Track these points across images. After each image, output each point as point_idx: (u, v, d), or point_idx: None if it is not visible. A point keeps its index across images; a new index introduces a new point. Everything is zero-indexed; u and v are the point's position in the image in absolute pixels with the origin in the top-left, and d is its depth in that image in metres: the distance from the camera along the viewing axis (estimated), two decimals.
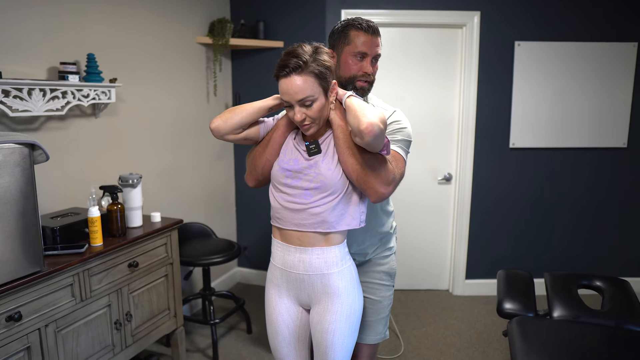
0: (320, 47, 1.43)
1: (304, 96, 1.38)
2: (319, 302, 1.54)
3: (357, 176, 1.44)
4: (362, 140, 1.34)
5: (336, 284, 1.51)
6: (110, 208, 2.14)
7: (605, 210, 3.58)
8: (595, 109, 3.42)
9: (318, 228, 1.48)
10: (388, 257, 1.84)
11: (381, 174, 1.44)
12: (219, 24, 3.24)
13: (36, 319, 1.72)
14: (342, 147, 1.45)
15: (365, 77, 1.62)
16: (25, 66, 2.09)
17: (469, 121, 3.44)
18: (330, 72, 1.43)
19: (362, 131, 1.31)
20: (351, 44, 1.60)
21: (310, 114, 1.41)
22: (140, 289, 2.24)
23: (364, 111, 1.35)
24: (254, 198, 3.74)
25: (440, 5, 3.30)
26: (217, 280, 3.61)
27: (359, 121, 1.32)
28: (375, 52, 1.62)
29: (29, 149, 1.66)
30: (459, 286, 3.67)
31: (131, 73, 2.67)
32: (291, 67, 1.36)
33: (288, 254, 1.54)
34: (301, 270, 1.52)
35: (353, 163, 1.43)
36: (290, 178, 1.50)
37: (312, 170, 1.47)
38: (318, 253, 1.50)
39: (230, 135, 1.54)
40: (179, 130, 3.13)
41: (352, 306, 1.53)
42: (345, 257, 1.56)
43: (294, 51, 1.39)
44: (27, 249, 1.67)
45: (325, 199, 1.47)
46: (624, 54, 3.35)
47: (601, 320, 2.04)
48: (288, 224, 1.52)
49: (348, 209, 1.50)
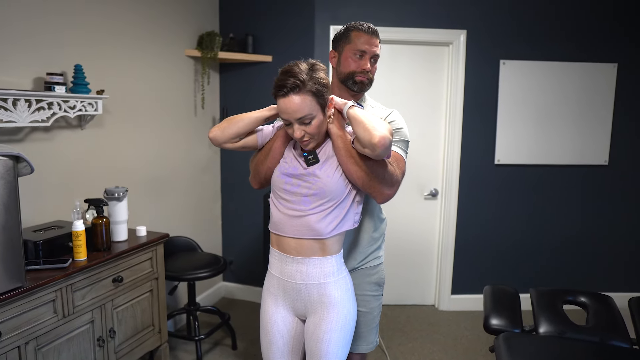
0: (316, 64, 1.46)
1: (303, 115, 1.41)
2: (314, 312, 1.55)
3: (363, 182, 1.49)
4: (373, 152, 1.38)
5: (332, 293, 1.53)
6: (95, 222, 2.10)
7: (589, 226, 3.64)
8: (577, 126, 3.50)
9: (315, 235, 1.50)
10: (377, 267, 1.85)
11: (385, 177, 1.50)
12: (208, 37, 3.25)
13: (16, 336, 1.67)
14: (344, 156, 1.48)
15: (364, 74, 1.69)
16: (10, 76, 2.05)
17: (454, 137, 3.48)
18: (327, 89, 1.45)
19: (375, 144, 1.34)
20: (352, 43, 1.69)
21: (309, 130, 1.44)
22: (125, 305, 2.19)
23: (373, 124, 1.38)
24: (240, 212, 3.71)
25: (428, 23, 3.36)
26: (201, 295, 3.55)
27: (371, 135, 1.35)
28: (374, 52, 1.71)
29: (13, 161, 1.63)
30: (445, 301, 3.68)
31: (118, 85, 2.65)
32: (289, 87, 1.38)
33: (285, 264, 1.55)
34: (298, 280, 1.53)
35: (357, 170, 1.47)
36: (289, 184, 1.52)
37: (311, 177, 1.50)
38: (315, 263, 1.52)
39: (228, 144, 1.60)
40: (165, 144, 3.10)
41: (347, 316, 1.55)
42: (342, 267, 1.58)
43: (290, 70, 1.41)
44: (8, 263, 1.62)
45: (323, 206, 1.49)
46: (605, 74, 3.44)
47: (586, 336, 2.06)
48: (286, 231, 1.53)
49: (345, 213, 1.53)
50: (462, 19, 3.36)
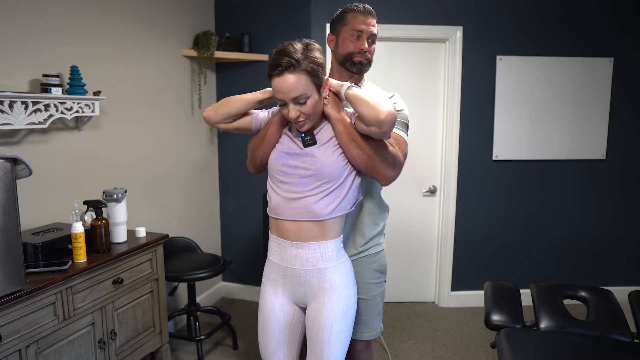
0: (311, 43, 1.45)
1: (298, 94, 1.40)
2: (315, 298, 1.53)
3: (366, 165, 1.49)
4: (381, 129, 1.37)
5: (332, 278, 1.52)
6: (95, 223, 2.09)
7: (587, 220, 3.65)
8: (574, 121, 3.51)
9: (314, 217, 1.49)
10: (378, 254, 1.85)
11: (388, 159, 1.51)
12: (204, 37, 3.23)
13: (17, 339, 1.66)
14: (346, 140, 1.47)
15: (362, 54, 1.69)
16: (6, 78, 2.04)
17: (452, 134, 3.48)
18: (322, 69, 1.45)
19: (382, 121, 1.34)
20: (348, 24, 1.70)
21: (304, 110, 1.43)
22: (125, 306, 2.18)
23: (377, 100, 1.38)
24: (238, 211, 3.71)
25: (424, 20, 3.35)
26: (201, 295, 3.55)
27: (377, 111, 1.35)
28: (371, 31, 1.71)
29: (11, 163, 1.62)
30: (445, 298, 3.68)
31: (115, 85, 2.63)
32: (284, 65, 1.37)
33: (285, 249, 1.54)
34: (297, 265, 1.53)
35: (359, 154, 1.47)
36: (287, 166, 1.51)
37: (309, 158, 1.49)
38: (314, 248, 1.51)
39: (221, 124, 1.64)
40: (163, 144, 3.09)
41: (348, 301, 1.54)
42: (341, 251, 1.57)
43: (285, 49, 1.41)
44: (7, 267, 1.61)
45: (321, 187, 1.48)
46: (602, 68, 3.44)
47: (587, 331, 2.06)
48: (285, 214, 1.52)
49: (344, 194, 1.52)
50: (458, 15, 3.36)
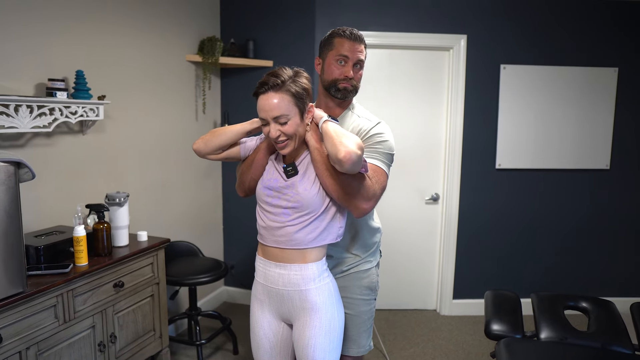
0: (301, 71, 1.51)
1: (279, 114, 1.43)
2: (298, 318, 1.57)
3: (338, 195, 1.50)
4: (341, 167, 1.39)
5: (314, 299, 1.54)
6: (97, 227, 2.10)
7: (590, 230, 3.63)
8: (578, 131, 3.50)
9: (295, 246, 1.53)
10: (369, 271, 1.83)
11: (361, 191, 1.50)
12: (209, 43, 3.26)
13: (17, 341, 1.68)
14: (320, 169, 1.50)
15: (347, 81, 1.67)
16: (12, 82, 2.06)
17: (455, 142, 3.48)
18: (308, 95, 1.49)
19: (341, 160, 1.36)
20: (334, 49, 1.68)
21: (285, 130, 1.45)
22: (126, 310, 2.19)
23: (341, 139, 1.39)
24: (241, 216, 3.72)
25: (428, 28, 3.37)
26: (202, 300, 3.55)
27: (337, 149, 1.37)
28: (357, 58, 1.68)
29: (14, 167, 1.64)
30: (447, 306, 3.67)
31: (120, 90, 2.66)
32: (270, 84, 1.43)
33: (269, 270, 1.59)
34: (280, 285, 1.56)
35: (332, 184, 1.49)
36: (271, 197, 1.56)
37: (290, 190, 1.52)
38: (296, 269, 1.54)
39: (211, 155, 1.66)
40: (167, 148, 3.11)
41: (331, 321, 1.55)
42: (324, 273, 1.59)
43: (274, 71, 1.47)
44: (9, 269, 1.63)
45: (302, 218, 1.52)
46: (606, 78, 3.44)
47: (587, 342, 2.05)
48: (269, 240, 1.58)
49: (325, 225, 1.55)
50: (462, 23, 3.37)
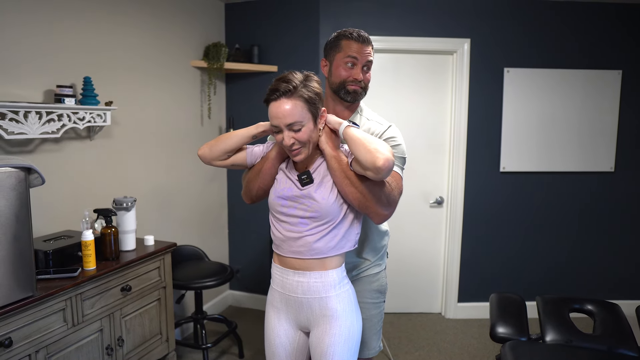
0: (311, 75, 1.48)
1: (293, 120, 1.40)
2: (317, 325, 1.54)
3: (359, 203, 1.47)
4: (377, 175, 1.36)
5: (334, 306, 1.52)
6: (104, 231, 2.13)
7: (594, 233, 3.62)
8: (582, 134, 3.50)
9: (315, 255, 1.50)
10: (378, 274, 1.85)
11: (382, 198, 1.47)
12: (214, 48, 3.29)
13: (27, 344, 1.70)
14: (340, 177, 1.46)
15: (356, 83, 1.65)
16: (21, 89, 2.10)
17: (460, 145, 3.49)
18: (320, 99, 1.46)
19: (379, 167, 1.32)
20: (342, 51, 1.66)
21: (299, 137, 1.43)
22: (133, 313, 2.21)
23: (375, 145, 1.36)
24: (246, 220, 3.74)
25: (431, 32, 3.38)
26: (208, 304, 3.57)
27: (374, 157, 1.33)
28: (366, 59, 1.66)
29: (25, 172, 1.66)
30: (452, 309, 3.67)
31: (126, 96, 2.69)
32: (281, 90, 1.39)
33: (287, 278, 1.55)
34: (299, 293, 1.53)
35: (353, 192, 1.45)
36: (286, 207, 1.52)
37: (307, 200, 1.48)
38: (316, 277, 1.51)
39: (217, 161, 1.62)
40: (173, 153, 3.14)
41: (350, 328, 1.53)
42: (344, 280, 1.57)
43: (284, 77, 1.43)
44: (19, 273, 1.65)
45: (320, 227, 1.48)
46: (610, 81, 3.44)
47: (593, 345, 2.05)
48: (286, 252, 1.54)
49: (344, 232, 1.52)
50: (465, 27, 3.39)
